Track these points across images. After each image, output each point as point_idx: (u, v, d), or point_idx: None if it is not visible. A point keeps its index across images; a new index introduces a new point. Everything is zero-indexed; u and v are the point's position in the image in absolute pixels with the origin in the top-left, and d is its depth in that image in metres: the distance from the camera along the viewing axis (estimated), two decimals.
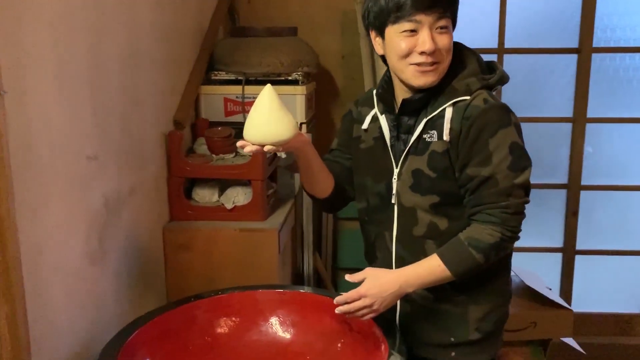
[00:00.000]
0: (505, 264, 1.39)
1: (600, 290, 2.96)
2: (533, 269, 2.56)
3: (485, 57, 2.77)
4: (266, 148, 1.22)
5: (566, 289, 2.92)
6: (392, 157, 1.33)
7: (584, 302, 2.91)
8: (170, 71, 1.99)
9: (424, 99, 1.27)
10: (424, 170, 1.27)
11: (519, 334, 2.15)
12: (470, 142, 1.21)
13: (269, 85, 1.24)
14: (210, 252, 1.91)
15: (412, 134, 1.28)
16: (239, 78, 2.22)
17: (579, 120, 2.79)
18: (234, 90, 2.21)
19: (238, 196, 1.98)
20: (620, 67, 2.77)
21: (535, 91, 2.84)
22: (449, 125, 1.23)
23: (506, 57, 2.78)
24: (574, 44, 2.75)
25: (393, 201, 1.34)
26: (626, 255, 2.90)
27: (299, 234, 2.37)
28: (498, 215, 1.21)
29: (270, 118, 1.20)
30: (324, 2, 2.67)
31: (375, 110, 1.37)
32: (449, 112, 1.24)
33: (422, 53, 1.20)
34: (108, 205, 1.50)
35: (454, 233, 1.26)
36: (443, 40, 1.21)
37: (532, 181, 2.86)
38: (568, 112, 2.81)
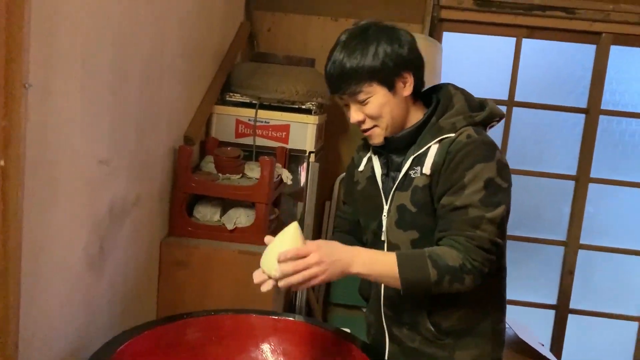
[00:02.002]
0: (493, 309, 1.36)
1: (591, 351, 2.93)
2: (525, 324, 2.53)
3: None
4: (281, 283, 1.17)
5: (557, 347, 2.89)
6: (382, 194, 1.35)
7: None
8: (188, 88, 2.01)
9: (408, 137, 1.30)
10: (407, 205, 1.28)
11: None
12: (449, 173, 1.22)
13: (295, 223, 1.23)
14: (206, 271, 1.89)
15: (400, 171, 1.31)
16: (253, 102, 2.24)
17: (582, 179, 2.81)
18: (247, 112, 2.23)
19: (240, 217, 1.97)
20: (626, 132, 2.81)
21: (542, 146, 2.88)
22: (431, 160, 1.25)
23: (515, 109, 2.82)
24: (583, 104, 2.80)
25: (383, 238, 1.35)
26: (619, 319, 2.88)
27: None
28: (462, 243, 1.18)
29: None
30: None
31: (370, 152, 1.40)
32: (434, 149, 1.26)
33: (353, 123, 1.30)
34: (112, 212, 1.49)
35: None
36: (366, 110, 1.27)
37: (531, 235, 2.89)
38: (572, 170, 2.84)
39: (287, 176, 2.13)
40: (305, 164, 2.27)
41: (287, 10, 2.75)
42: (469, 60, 2.84)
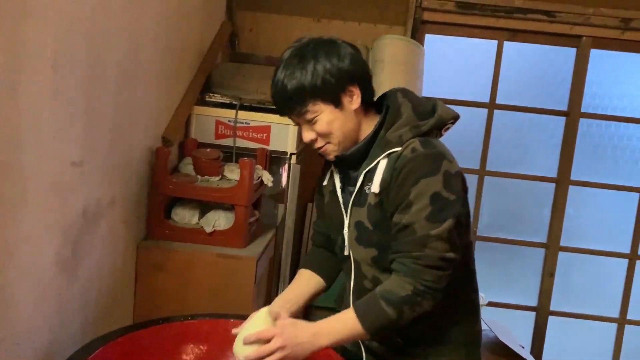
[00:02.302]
0: (463, 314, 1.34)
1: (571, 353, 2.94)
2: (506, 326, 2.53)
3: (476, 111, 2.86)
4: None
5: (537, 349, 2.90)
6: (342, 209, 1.33)
7: None
8: (166, 87, 1.97)
9: (359, 153, 1.27)
10: (364, 222, 1.26)
11: None
12: (396, 190, 1.20)
13: (266, 308, 1.27)
14: (185, 275, 1.85)
15: (356, 185, 1.29)
16: (234, 102, 2.21)
17: (563, 181, 2.82)
18: (227, 113, 2.19)
19: (219, 220, 1.94)
20: (605, 134, 2.84)
21: (523, 149, 2.89)
22: (380, 177, 1.22)
23: (496, 112, 2.83)
24: (564, 107, 2.81)
25: (346, 253, 1.34)
26: (599, 321, 2.90)
27: (277, 266, 2.33)
28: (409, 266, 1.17)
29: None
30: None
31: (332, 166, 1.39)
32: (382, 164, 1.23)
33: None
34: (86, 215, 1.45)
35: None
36: (316, 129, 1.24)
37: (512, 237, 2.90)
38: (552, 173, 2.85)
39: (267, 178, 2.10)
40: (286, 166, 2.25)
41: (269, 10, 2.72)
42: (451, 63, 2.84)
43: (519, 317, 2.92)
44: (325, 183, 1.40)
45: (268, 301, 2.31)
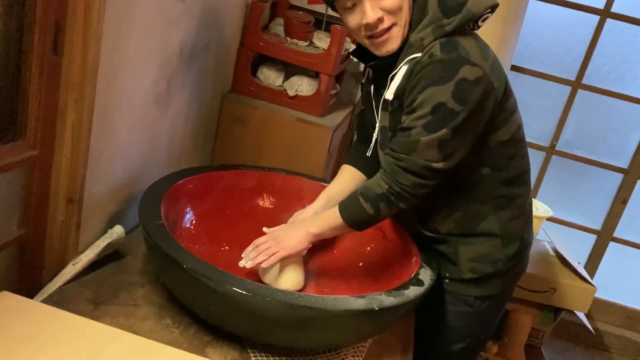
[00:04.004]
0: (496, 208, 1.29)
1: (622, 281, 2.92)
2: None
3: (585, 17, 2.63)
4: (248, 264, 1.25)
5: (590, 271, 2.89)
6: (374, 112, 1.31)
7: (601, 287, 2.88)
8: None
9: (389, 59, 1.20)
10: (387, 127, 1.25)
11: (537, 295, 2.14)
12: (407, 95, 1.16)
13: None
14: (263, 132, 1.91)
15: (385, 89, 1.24)
16: None
17: None
18: None
19: (302, 86, 1.95)
20: None
21: (628, 66, 2.68)
22: (396, 84, 1.18)
23: (608, 21, 2.60)
24: None
25: (369, 154, 1.36)
26: None
27: (348, 143, 2.36)
28: (390, 165, 1.17)
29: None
30: None
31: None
32: (402, 70, 1.17)
33: (367, 25, 1.15)
34: (182, 53, 1.49)
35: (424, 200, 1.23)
36: (386, 3, 1.13)
37: (590, 157, 2.78)
38: None
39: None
40: None
41: None
42: None
43: (578, 237, 2.88)
44: (363, 81, 1.37)
45: (336, 173, 2.37)
